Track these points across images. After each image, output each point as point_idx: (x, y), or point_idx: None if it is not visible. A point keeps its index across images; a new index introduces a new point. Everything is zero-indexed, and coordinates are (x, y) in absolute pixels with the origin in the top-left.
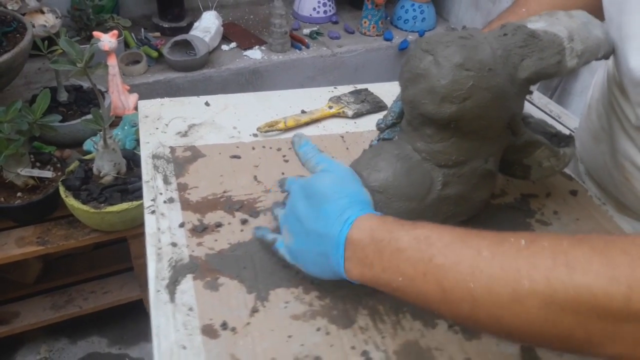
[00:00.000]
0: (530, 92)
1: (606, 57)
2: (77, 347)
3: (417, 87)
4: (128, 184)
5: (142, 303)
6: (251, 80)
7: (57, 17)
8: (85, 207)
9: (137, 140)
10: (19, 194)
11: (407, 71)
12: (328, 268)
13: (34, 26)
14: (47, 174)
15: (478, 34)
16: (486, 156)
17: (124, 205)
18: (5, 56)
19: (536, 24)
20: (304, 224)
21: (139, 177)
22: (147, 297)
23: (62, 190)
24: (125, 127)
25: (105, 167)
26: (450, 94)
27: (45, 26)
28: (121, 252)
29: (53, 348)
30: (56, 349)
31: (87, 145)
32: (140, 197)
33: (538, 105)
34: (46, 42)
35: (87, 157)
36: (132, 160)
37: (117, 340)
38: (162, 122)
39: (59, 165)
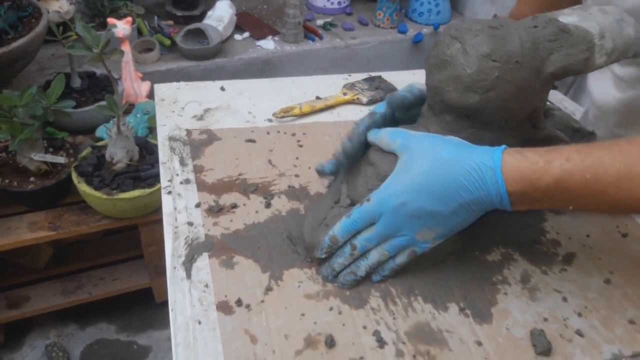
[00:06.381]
0: (555, 87)
1: (636, 56)
2: (85, 332)
3: (442, 74)
4: (140, 171)
5: (151, 291)
6: (264, 71)
7: (71, 3)
8: (97, 194)
9: (150, 128)
10: (32, 178)
11: (434, 56)
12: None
13: (48, 12)
14: (60, 159)
15: (508, 24)
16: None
17: (136, 193)
18: (21, 41)
19: (568, 18)
20: (447, 208)
21: (152, 165)
22: (157, 285)
23: (74, 176)
24: (138, 115)
25: (118, 153)
26: (475, 83)
27: (59, 12)
28: (132, 239)
29: (62, 333)
30: (65, 334)
31: (100, 131)
32: (152, 184)
33: (552, 101)
34: (61, 27)
35: (100, 143)
36: (145, 147)
37: (126, 327)
38: (178, 106)
39: (71, 151)
